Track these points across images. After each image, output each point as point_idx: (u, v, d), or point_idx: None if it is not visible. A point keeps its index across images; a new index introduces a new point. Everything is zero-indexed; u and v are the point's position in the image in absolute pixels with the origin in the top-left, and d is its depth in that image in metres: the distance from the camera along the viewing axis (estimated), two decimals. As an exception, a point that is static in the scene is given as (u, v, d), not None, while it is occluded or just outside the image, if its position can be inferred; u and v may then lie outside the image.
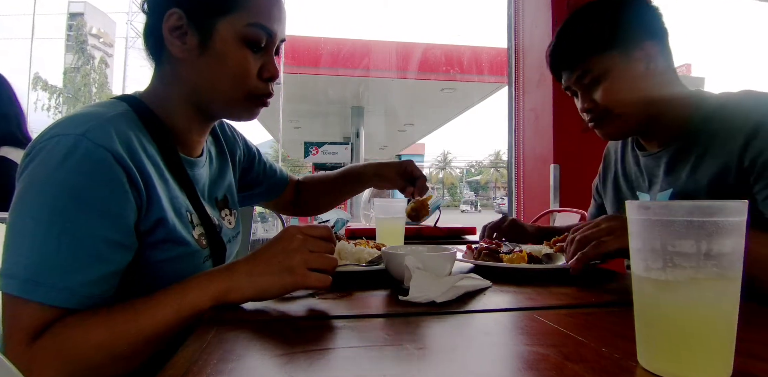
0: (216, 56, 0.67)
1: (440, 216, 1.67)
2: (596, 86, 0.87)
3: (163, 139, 0.69)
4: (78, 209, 0.55)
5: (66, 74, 27.22)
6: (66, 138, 0.56)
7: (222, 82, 0.69)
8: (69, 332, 0.52)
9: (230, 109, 0.73)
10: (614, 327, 0.51)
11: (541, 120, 2.13)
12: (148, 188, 0.62)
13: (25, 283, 0.52)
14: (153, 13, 0.69)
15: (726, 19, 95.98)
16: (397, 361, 0.40)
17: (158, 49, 0.71)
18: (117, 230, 0.57)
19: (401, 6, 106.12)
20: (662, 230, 0.35)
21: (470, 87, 6.92)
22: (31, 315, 0.53)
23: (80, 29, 28.61)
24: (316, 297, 0.64)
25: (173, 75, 0.71)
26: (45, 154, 0.56)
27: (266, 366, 0.40)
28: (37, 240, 0.53)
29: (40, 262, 0.53)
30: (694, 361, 0.35)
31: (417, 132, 11.99)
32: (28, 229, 0.54)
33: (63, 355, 0.52)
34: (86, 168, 0.56)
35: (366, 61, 6.25)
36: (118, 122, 0.61)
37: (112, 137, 0.58)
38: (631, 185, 1.00)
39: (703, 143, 0.83)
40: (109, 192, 0.57)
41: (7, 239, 0.55)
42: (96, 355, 0.52)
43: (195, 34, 0.67)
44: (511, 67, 2.38)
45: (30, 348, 0.52)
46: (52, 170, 0.55)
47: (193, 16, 0.66)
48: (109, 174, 0.57)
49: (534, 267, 0.80)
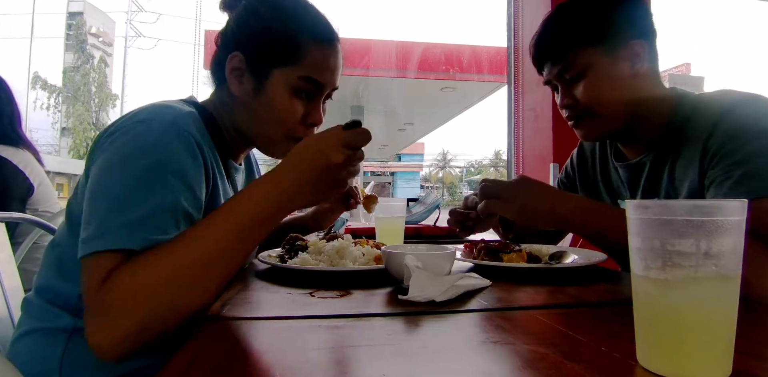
0: (266, 100, 0.73)
1: (440, 216, 1.67)
2: (578, 82, 0.84)
3: (221, 144, 0.75)
4: (172, 179, 0.58)
5: (65, 73, 27.20)
6: (158, 122, 0.61)
7: (266, 123, 0.75)
8: (135, 267, 0.53)
9: (268, 146, 0.79)
10: (614, 327, 0.51)
11: (540, 119, 2.13)
12: (214, 181, 0.68)
13: (123, 234, 0.54)
14: (222, 49, 0.75)
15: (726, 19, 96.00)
16: (397, 360, 0.40)
17: (220, 77, 0.76)
18: (195, 208, 0.61)
19: (401, 5, 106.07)
20: (662, 230, 0.35)
21: (470, 86, 6.91)
22: (105, 262, 0.53)
23: (80, 28, 28.57)
24: (315, 296, 0.65)
25: (228, 103, 0.77)
26: (136, 134, 0.60)
27: (266, 365, 0.40)
28: (134, 202, 0.56)
29: (134, 220, 0.55)
30: (694, 360, 0.35)
31: (417, 131, 11.97)
32: (123, 192, 0.56)
33: (132, 290, 0.51)
34: (180, 146, 0.60)
35: (365, 60, 6.23)
36: (193, 117, 0.67)
37: (194, 128, 0.64)
38: (613, 193, 0.98)
39: (676, 149, 0.81)
40: (196, 172, 0.63)
41: (97, 204, 0.57)
42: (163, 287, 0.52)
43: (251, 78, 0.73)
44: (510, 67, 2.38)
45: (101, 289, 0.52)
46: (151, 143, 0.59)
47: (252, 63, 0.72)
48: (196, 156, 0.63)
49: (534, 267, 0.80)
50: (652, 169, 0.86)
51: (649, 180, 0.86)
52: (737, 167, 0.69)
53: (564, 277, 0.79)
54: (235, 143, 0.80)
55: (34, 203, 1.45)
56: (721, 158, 0.71)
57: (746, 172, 0.68)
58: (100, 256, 0.54)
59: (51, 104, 25.31)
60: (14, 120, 1.48)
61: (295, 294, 0.66)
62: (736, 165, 0.69)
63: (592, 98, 0.83)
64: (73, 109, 25.81)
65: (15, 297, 0.91)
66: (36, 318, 0.68)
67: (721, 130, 0.73)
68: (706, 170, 0.74)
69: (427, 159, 45.71)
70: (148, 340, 0.52)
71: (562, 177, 1.13)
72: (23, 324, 0.69)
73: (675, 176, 0.81)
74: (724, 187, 0.69)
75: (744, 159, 0.69)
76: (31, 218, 1.02)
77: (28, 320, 0.69)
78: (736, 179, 0.68)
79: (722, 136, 0.72)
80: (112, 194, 0.57)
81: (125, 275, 0.52)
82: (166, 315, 0.53)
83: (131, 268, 0.53)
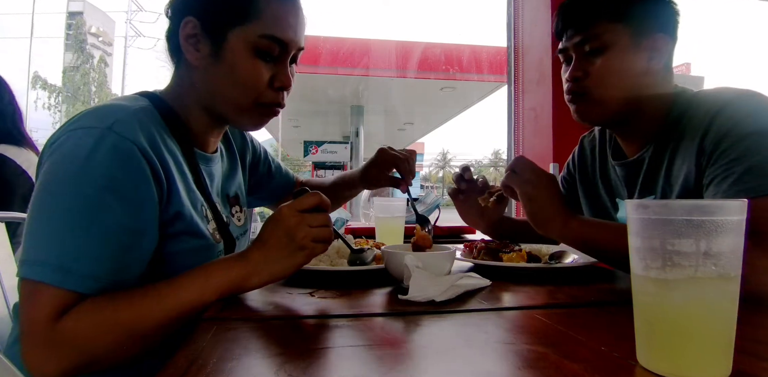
0: (226, 65, 0.68)
1: (440, 215, 1.67)
2: (594, 57, 0.82)
3: (181, 135, 0.71)
4: (106, 200, 0.56)
5: (65, 73, 27.20)
6: (93, 131, 0.58)
7: (231, 90, 0.70)
8: (96, 313, 0.54)
9: (238, 116, 0.74)
10: (614, 327, 0.51)
11: (540, 119, 2.13)
12: (169, 181, 0.64)
13: (56, 271, 0.53)
14: (173, 19, 0.71)
15: (726, 19, 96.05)
16: (396, 360, 0.40)
17: (176, 53, 0.72)
18: (142, 221, 0.60)
19: (401, 5, 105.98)
20: (661, 229, 0.35)
21: (470, 86, 6.91)
22: (54, 298, 0.54)
23: (79, 28, 28.57)
24: (315, 296, 0.64)
25: (188, 79, 0.72)
26: (71, 146, 0.58)
27: (265, 365, 0.40)
28: (67, 230, 0.55)
29: (71, 251, 0.54)
30: (694, 360, 0.35)
31: (417, 131, 11.97)
32: (56, 219, 0.55)
33: (88, 334, 0.53)
34: (114, 160, 0.57)
35: (365, 60, 6.23)
36: (141, 116, 0.63)
37: (137, 131, 0.60)
38: (611, 192, 0.98)
39: (673, 145, 0.80)
40: (136, 184, 0.59)
41: (33, 228, 0.56)
42: (121, 335, 0.55)
43: (208, 43, 0.68)
44: (510, 66, 2.38)
45: (54, 326, 0.53)
46: (80, 162, 0.56)
47: (207, 26, 0.68)
48: (136, 166, 0.59)
49: (534, 266, 0.80)
50: (649, 166, 0.85)
51: (647, 178, 0.86)
52: (736, 164, 0.69)
53: (564, 277, 0.79)
54: (202, 128, 0.75)
55: None
56: (719, 155, 0.71)
57: (745, 169, 0.68)
58: (46, 289, 0.53)
59: (51, 103, 25.30)
60: (16, 119, 1.48)
61: (295, 293, 0.66)
62: (734, 163, 0.69)
63: (599, 77, 0.81)
64: (73, 108, 25.78)
65: (15, 296, 0.91)
66: None
67: (716, 126, 0.72)
68: (704, 167, 0.74)
69: (427, 159, 45.74)
70: (88, 373, 0.55)
71: (564, 174, 1.13)
72: (15, 329, 0.69)
73: (672, 173, 0.80)
74: (724, 185, 0.69)
75: (742, 157, 0.68)
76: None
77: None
78: (736, 177, 0.68)
79: (718, 133, 0.72)
80: (50, 218, 0.55)
81: (85, 320, 0.53)
82: (120, 357, 0.56)
83: (91, 313, 0.54)
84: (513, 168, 0.83)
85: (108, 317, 0.54)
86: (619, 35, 0.80)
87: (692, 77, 2.30)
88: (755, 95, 0.75)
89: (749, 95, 0.75)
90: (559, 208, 0.79)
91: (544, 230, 0.80)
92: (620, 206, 0.94)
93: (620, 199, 0.94)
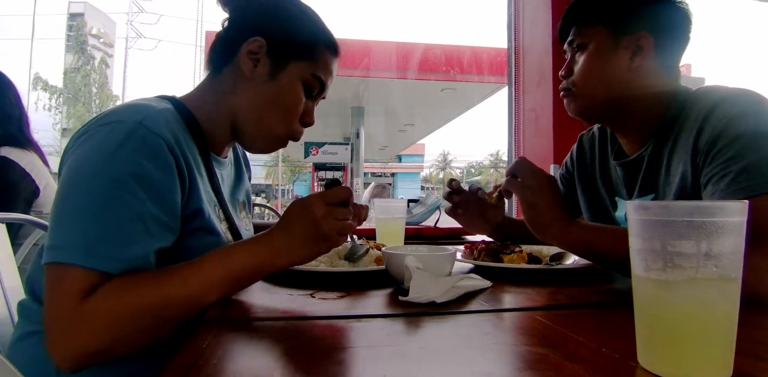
0: (280, 88, 0.74)
1: (440, 217, 1.67)
2: (578, 56, 0.86)
3: (199, 138, 0.73)
4: (135, 188, 0.58)
5: (66, 74, 27.26)
6: (123, 124, 0.60)
7: (273, 109, 0.75)
8: (122, 293, 0.54)
9: (259, 135, 0.77)
10: (614, 327, 0.51)
11: (541, 120, 2.13)
12: (191, 178, 0.66)
13: (82, 252, 0.54)
14: (236, 30, 0.75)
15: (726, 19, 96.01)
16: (397, 361, 0.41)
17: (224, 61, 0.75)
18: (166, 213, 0.61)
19: (401, 6, 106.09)
20: (662, 230, 0.35)
21: (470, 87, 6.92)
22: (81, 278, 0.54)
23: (80, 29, 28.64)
24: (316, 297, 0.65)
25: (230, 88, 0.75)
26: (102, 137, 0.60)
27: (266, 366, 0.40)
28: (94, 214, 0.56)
29: (97, 234, 0.55)
30: (694, 361, 0.35)
31: (417, 132, 11.98)
32: (83, 204, 0.56)
33: (114, 314, 0.53)
34: (144, 152, 0.59)
35: (366, 61, 6.23)
36: (167, 115, 0.66)
37: (164, 128, 0.63)
38: (611, 191, 0.98)
39: (671, 143, 0.81)
40: (163, 176, 0.61)
41: (60, 214, 0.57)
42: (145, 317, 0.55)
43: (268, 64, 0.73)
44: (511, 68, 2.38)
45: (80, 306, 0.53)
46: (111, 150, 0.58)
47: (273, 50, 0.73)
48: (163, 159, 0.61)
49: (534, 267, 0.80)
50: (649, 164, 0.86)
51: (646, 176, 0.86)
52: (731, 163, 0.69)
53: (564, 278, 0.79)
54: (219, 137, 0.78)
55: (39, 205, 1.46)
56: (715, 155, 0.71)
57: (741, 168, 0.68)
58: (72, 270, 0.54)
59: (52, 104, 25.37)
60: (22, 122, 1.49)
61: (295, 294, 0.66)
62: (730, 162, 0.69)
63: (579, 74, 0.85)
64: (74, 110, 25.85)
65: (15, 296, 0.91)
66: (33, 321, 0.68)
67: (710, 126, 0.73)
68: (701, 166, 0.74)
69: (427, 160, 45.72)
70: (108, 360, 0.55)
71: (563, 172, 1.13)
72: (20, 327, 0.70)
73: (670, 171, 0.81)
74: (721, 184, 0.69)
75: (737, 156, 0.69)
76: (33, 219, 1.02)
77: (24, 323, 0.69)
78: (732, 176, 0.69)
79: (712, 132, 0.72)
80: (76, 204, 0.57)
81: (112, 298, 0.54)
82: (138, 341, 0.56)
83: (118, 292, 0.54)
84: (514, 172, 0.83)
85: (134, 298, 0.54)
86: (599, 34, 0.84)
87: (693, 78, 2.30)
88: (747, 93, 0.75)
89: (741, 93, 0.75)
90: (558, 214, 0.79)
91: (543, 235, 0.79)
92: (620, 205, 0.95)
93: (620, 198, 0.94)
